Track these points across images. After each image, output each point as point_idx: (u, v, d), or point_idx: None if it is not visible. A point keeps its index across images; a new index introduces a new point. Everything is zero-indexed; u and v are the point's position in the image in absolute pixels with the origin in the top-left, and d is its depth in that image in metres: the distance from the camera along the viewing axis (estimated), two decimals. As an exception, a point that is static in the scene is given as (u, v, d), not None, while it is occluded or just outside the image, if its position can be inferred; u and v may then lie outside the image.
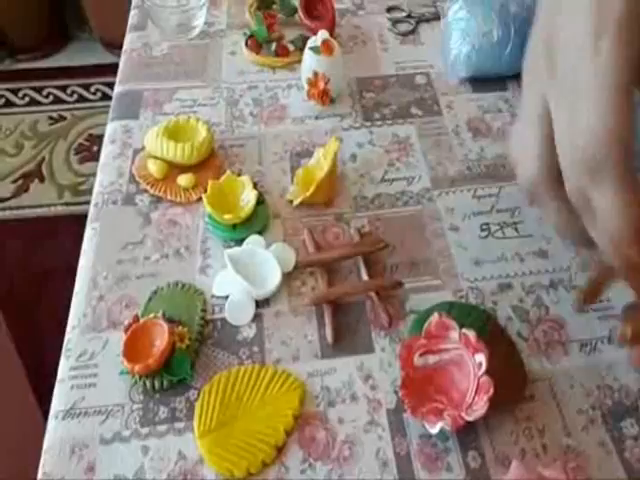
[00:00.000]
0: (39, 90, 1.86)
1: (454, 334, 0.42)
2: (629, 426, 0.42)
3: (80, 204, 1.56)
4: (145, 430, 0.42)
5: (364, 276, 0.50)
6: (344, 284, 0.50)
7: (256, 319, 0.48)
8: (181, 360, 0.44)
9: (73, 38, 2.00)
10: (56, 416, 0.43)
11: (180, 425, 0.42)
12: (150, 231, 0.53)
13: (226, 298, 0.48)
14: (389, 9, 0.75)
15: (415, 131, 0.61)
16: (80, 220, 0.57)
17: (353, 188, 0.56)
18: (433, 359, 0.43)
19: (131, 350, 0.43)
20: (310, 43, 0.61)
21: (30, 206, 1.58)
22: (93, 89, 1.87)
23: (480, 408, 0.39)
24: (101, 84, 1.87)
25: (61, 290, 0.62)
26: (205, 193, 0.52)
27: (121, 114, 0.63)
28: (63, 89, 1.87)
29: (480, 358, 0.40)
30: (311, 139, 0.60)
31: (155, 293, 0.49)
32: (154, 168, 0.55)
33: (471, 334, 0.41)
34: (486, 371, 0.40)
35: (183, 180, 0.55)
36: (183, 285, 0.49)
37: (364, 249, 0.51)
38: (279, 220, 0.54)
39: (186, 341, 0.45)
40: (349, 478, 0.40)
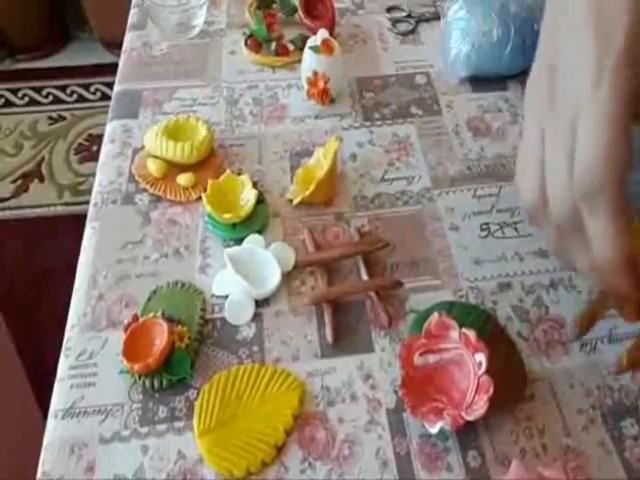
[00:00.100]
0: (39, 90, 1.86)
1: (454, 334, 0.42)
2: (629, 426, 0.42)
3: (80, 204, 1.55)
4: (145, 429, 0.42)
5: (364, 276, 0.50)
6: (344, 284, 0.50)
7: (256, 318, 0.48)
8: (181, 359, 0.44)
9: (73, 38, 2.00)
10: (55, 415, 0.43)
11: (180, 424, 0.42)
12: (150, 230, 0.53)
13: (226, 297, 0.48)
14: (389, 9, 0.75)
15: (415, 131, 0.61)
16: (80, 220, 0.57)
17: (353, 188, 0.56)
18: (433, 359, 0.42)
19: (131, 349, 0.43)
20: (310, 42, 0.61)
21: (30, 206, 1.58)
22: (93, 89, 1.87)
23: (480, 408, 0.39)
24: (101, 84, 1.87)
25: (61, 290, 0.62)
26: (205, 192, 0.52)
27: (121, 113, 0.63)
28: (63, 89, 1.87)
29: (480, 358, 0.40)
30: (311, 139, 0.60)
31: (155, 292, 0.49)
32: (154, 167, 0.55)
33: (471, 334, 0.41)
34: (486, 371, 0.40)
35: (183, 179, 0.55)
36: (183, 284, 0.49)
37: (364, 249, 0.51)
38: (279, 219, 0.54)
39: (186, 340, 0.45)
40: (349, 478, 0.40)
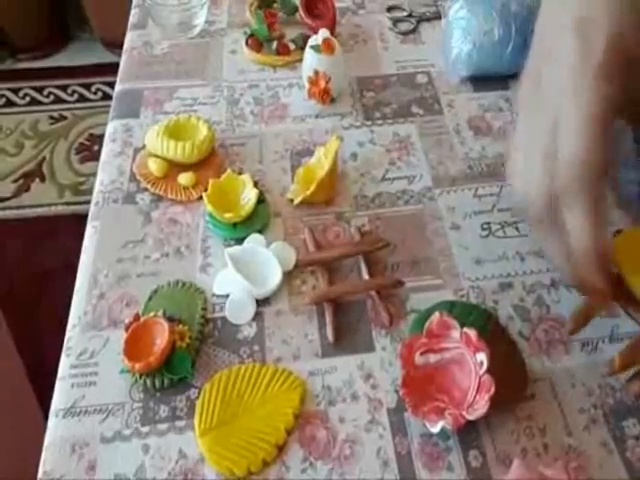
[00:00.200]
0: (40, 90, 1.86)
1: (455, 333, 0.42)
2: (631, 426, 0.42)
3: (81, 204, 1.55)
4: (146, 429, 0.42)
5: (365, 275, 0.50)
6: (345, 283, 0.50)
7: (257, 318, 0.47)
8: (182, 359, 0.44)
9: (74, 38, 2.00)
10: (56, 414, 0.43)
11: (181, 424, 0.42)
12: (151, 230, 0.53)
13: (227, 297, 0.48)
14: (390, 8, 0.75)
15: (416, 130, 0.61)
16: (81, 220, 0.57)
17: (354, 187, 0.56)
18: (434, 358, 0.42)
19: (132, 348, 0.43)
20: (311, 42, 0.61)
21: (31, 206, 1.58)
22: (94, 89, 1.87)
23: (481, 407, 0.39)
24: (102, 84, 1.87)
25: (61, 289, 0.62)
26: (206, 192, 0.52)
27: (122, 113, 0.63)
28: (64, 89, 1.87)
29: (481, 357, 0.40)
30: (312, 138, 0.60)
31: (156, 292, 0.49)
32: (155, 167, 0.55)
33: (472, 333, 0.41)
34: (487, 370, 0.40)
35: (184, 179, 0.55)
36: (184, 284, 0.49)
37: (365, 248, 0.51)
38: (280, 219, 0.54)
39: (186, 340, 0.45)
40: (350, 477, 0.40)
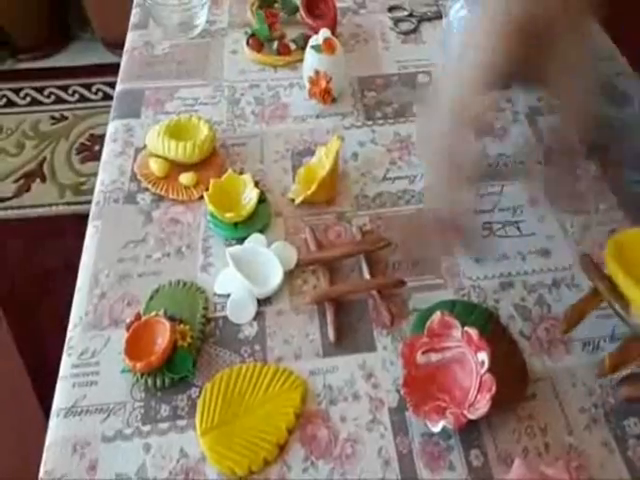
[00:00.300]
0: (40, 90, 1.86)
1: (456, 332, 0.42)
2: (632, 425, 0.42)
3: (81, 204, 1.55)
4: (147, 428, 0.42)
5: (366, 274, 0.50)
6: (346, 282, 0.50)
7: (258, 317, 0.47)
8: (183, 358, 0.44)
9: (74, 38, 2.00)
10: (58, 414, 0.43)
11: (182, 423, 0.42)
12: (152, 229, 0.53)
13: (228, 296, 0.48)
14: (391, 8, 0.75)
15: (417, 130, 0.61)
16: (81, 220, 0.57)
17: (355, 187, 0.56)
18: (435, 357, 0.42)
19: (133, 348, 0.43)
20: (312, 42, 0.61)
21: (31, 206, 1.58)
22: (94, 89, 1.87)
23: (482, 406, 0.39)
24: (102, 84, 1.87)
25: (62, 289, 0.62)
26: (207, 191, 0.52)
27: (122, 113, 0.63)
28: (64, 89, 1.87)
29: (482, 356, 0.40)
30: (313, 138, 0.60)
31: (157, 291, 0.49)
32: (156, 167, 0.55)
33: (473, 332, 0.41)
34: (488, 369, 0.40)
35: (185, 178, 0.55)
36: (185, 283, 0.49)
37: (366, 247, 0.51)
38: (281, 219, 0.54)
39: (188, 339, 0.45)
40: (351, 477, 0.40)
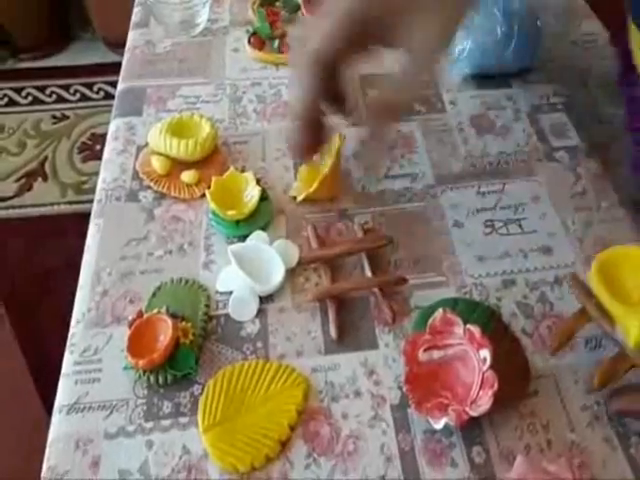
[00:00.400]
0: (42, 89, 1.86)
1: (458, 330, 0.42)
2: (634, 422, 0.42)
3: (83, 202, 1.56)
4: (149, 425, 0.42)
5: (368, 272, 0.50)
6: (348, 280, 0.50)
7: (260, 315, 0.48)
8: (185, 355, 0.44)
9: (76, 37, 2.01)
10: (60, 411, 0.43)
11: (184, 420, 0.42)
12: (154, 227, 0.53)
13: (230, 294, 0.48)
14: (392, 6, 0.75)
15: (418, 128, 0.61)
16: (83, 219, 0.57)
17: (357, 184, 0.56)
18: (437, 354, 0.42)
19: (135, 345, 0.44)
20: (313, 40, 0.61)
21: (33, 205, 1.58)
22: (96, 88, 1.87)
23: (485, 403, 0.39)
24: (104, 83, 1.87)
25: (64, 288, 0.62)
26: (209, 189, 0.52)
27: (124, 111, 0.63)
28: (66, 88, 1.87)
29: (484, 353, 0.40)
30: (314, 136, 0.60)
31: (159, 289, 0.49)
32: (158, 164, 0.55)
33: (475, 330, 0.41)
34: (490, 366, 0.40)
35: (187, 176, 0.55)
36: (187, 281, 0.49)
37: (368, 245, 0.51)
38: (282, 216, 0.54)
39: (190, 336, 0.45)
40: (353, 473, 0.40)
